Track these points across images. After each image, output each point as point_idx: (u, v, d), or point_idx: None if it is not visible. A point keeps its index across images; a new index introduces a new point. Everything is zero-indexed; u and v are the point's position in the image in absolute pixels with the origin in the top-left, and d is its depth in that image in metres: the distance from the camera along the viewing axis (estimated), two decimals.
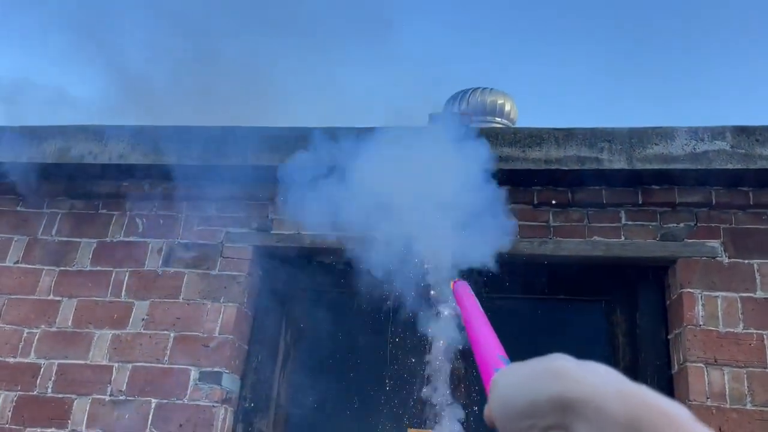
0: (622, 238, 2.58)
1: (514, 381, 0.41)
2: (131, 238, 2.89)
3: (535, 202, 2.65)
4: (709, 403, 2.25)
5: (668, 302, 2.57)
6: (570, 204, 2.64)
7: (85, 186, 2.95)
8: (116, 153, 2.84)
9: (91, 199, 2.98)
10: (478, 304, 0.78)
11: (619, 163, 2.47)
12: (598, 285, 2.69)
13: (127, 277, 2.80)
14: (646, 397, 0.35)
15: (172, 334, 2.65)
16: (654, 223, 2.58)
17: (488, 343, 0.61)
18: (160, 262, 2.81)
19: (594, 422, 0.34)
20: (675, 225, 2.56)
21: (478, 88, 5.33)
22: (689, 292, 2.43)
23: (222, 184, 2.86)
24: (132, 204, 2.95)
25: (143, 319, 2.70)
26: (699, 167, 2.43)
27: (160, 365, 2.60)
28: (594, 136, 2.52)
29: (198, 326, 2.65)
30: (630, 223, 2.60)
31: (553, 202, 2.64)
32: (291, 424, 2.78)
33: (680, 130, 2.50)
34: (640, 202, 2.58)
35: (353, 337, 3.02)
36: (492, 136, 2.59)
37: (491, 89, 5.49)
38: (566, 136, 2.54)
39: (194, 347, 2.61)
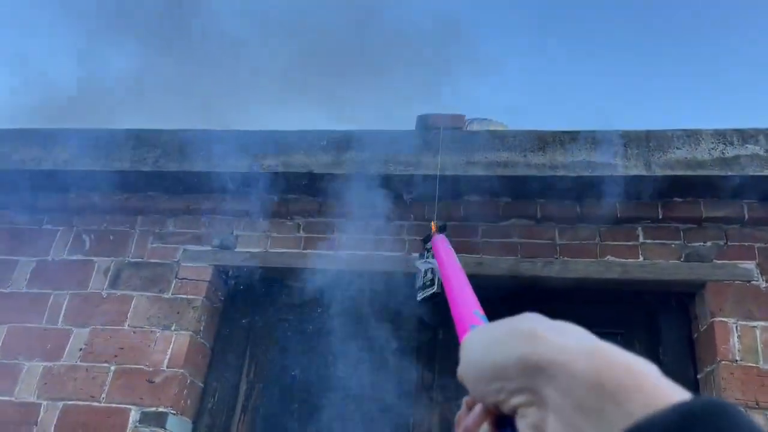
0: (641, 258, 2.21)
1: (483, 343, 0.40)
2: (75, 257, 2.52)
3: (538, 216, 2.30)
4: None
5: (696, 334, 2.18)
6: (579, 218, 2.28)
7: (27, 197, 2.60)
8: (62, 158, 2.50)
9: (34, 213, 2.62)
10: (456, 259, 0.73)
11: (636, 169, 2.12)
12: (612, 314, 2.30)
13: (66, 301, 2.41)
14: (611, 354, 0.33)
15: (112, 367, 2.25)
16: (677, 242, 2.22)
17: (465, 298, 0.58)
18: (106, 283, 2.43)
19: (560, 382, 0.33)
20: (702, 244, 2.19)
21: (475, 119, 5.05)
22: (722, 321, 2.04)
23: (182, 195, 2.51)
24: (79, 218, 2.60)
25: (81, 349, 2.30)
26: (729, 173, 2.08)
27: (95, 404, 2.19)
28: (607, 139, 2.19)
29: (143, 358, 2.25)
30: (649, 241, 2.23)
31: (560, 216, 2.28)
32: None
33: (705, 132, 2.17)
34: (661, 216, 2.23)
35: (328, 374, 2.61)
36: (488, 138, 2.26)
37: (488, 120, 5.19)
38: (573, 138, 2.21)
39: (137, 383, 2.21)
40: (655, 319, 2.29)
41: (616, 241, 2.25)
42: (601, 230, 2.28)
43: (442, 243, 0.85)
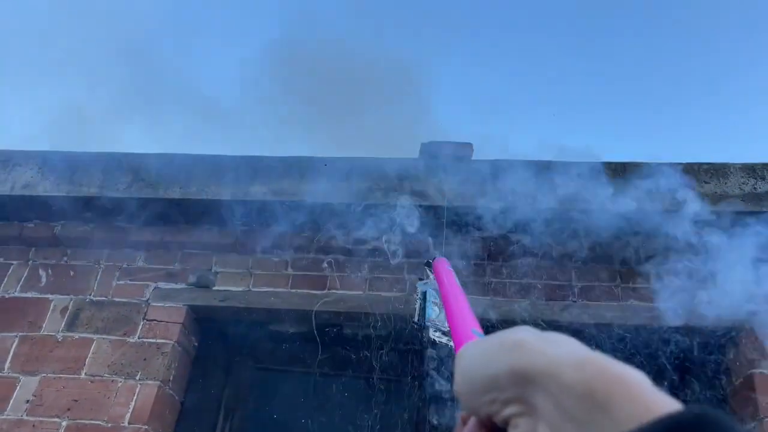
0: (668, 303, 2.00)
1: (475, 355, 0.40)
2: (29, 294, 2.21)
3: (554, 255, 2.09)
4: None
5: (731, 388, 1.96)
6: (596, 258, 2.08)
7: None
8: (21, 182, 2.23)
9: None
10: (456, 279, 0.73)
11: (662, 204, 1.94)
12: (635, 364, 2.07)
13: (15, 344, 2.09)
14: (601, 364, 0.33)
15: (64, 423, 1.92)
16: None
17: (464, 317, 0.58)
18: (63, 324, 2.13)
19: (551, 392, 0.33)
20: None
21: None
22: (762, 373, 1.83)
23: (156, 225, 2.24)
24: (37, 251, 2.30)
25: (28, 401, 1.97)
26: (763, 210, 1.91)
27: None
28: (628, 172, 2.01)
29: (101, 412, 1.93)
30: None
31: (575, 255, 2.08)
32: None
33: (733, 166, 2.01)
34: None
35: (316, 423, 2.31)
36: (503, 166, 2.07)
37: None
38: (592, 170, 2.03)
39: None
40: (682, 370, 2.06)
41: (637, 284, 2.04)
42: (621, 272, 2.07)
43: (443, 265, 0.84)
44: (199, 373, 2.16)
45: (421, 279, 1.61)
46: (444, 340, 1.54)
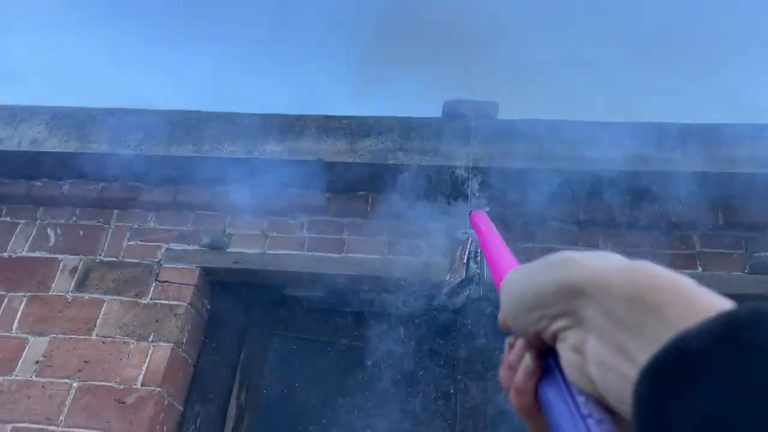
0: (699, 269, 1.93)
1: (522, 277, 0.41)
2: (37, 253, 2.15)
3: (581, 218, 2.01)
4: None
5: None
6: (628, 224, 2.00)
7: None
8: (28, 138, 2.15)
9: None
10: (494, 228, 0.70)
11: (696, 165, 1.85)
12: None
13: (23, 304, 2.04)
14: (646, 269, 0.33)
15: (74, 384, 1.87)
16: (739, 251, 1.94)
17: (503, 258, 0.55)
18: (73, 285, 2.07)
19: (599, 301, 0.33)
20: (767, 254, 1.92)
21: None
22: None
23: (168, 185, 2.17)
24: (45, 209, 2.23)
25: (37, 362, 1.92)
26: None
27: (51, 428, 1.80)
28: (660, 133, 1.92)
29: (113, 374, 1.88)
30: (707, 250, 1.96)
31: (602, 220, 2.00)
32: None
33: None
34: (721, 222, 1.95)
35: (333, 399, 2.26)
36: (522, 127, 1.98)
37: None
38: (625, 130, 1.94)
39: (104, 403, 1.83)
40: None
41: (672, 249, 1.97)
42: (651, 237, 1.99)
43: (480, 216, 0.82)
44: (213, 337, 2.11)
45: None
46: (461, 297, 1.50)
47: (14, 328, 2.00)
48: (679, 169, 1.88)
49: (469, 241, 1.59)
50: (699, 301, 0.30)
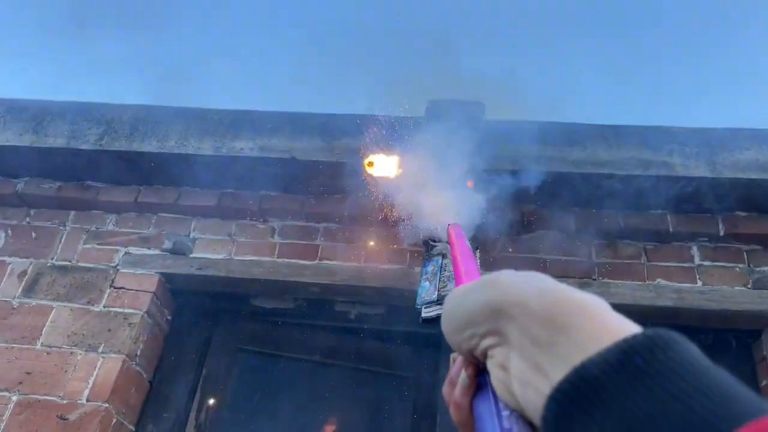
0: (699, 283, 1.79)
1: (457, 296, 0.42)
2: None
3: (574, 228, 1.87)
4: None
5: (764, 382, 1.75)
6: (621, 233, 1.86)
7: None
8: None
9: None
10: (467, 243, 0.72)
11: (698, 169, 1.72)
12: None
13: None
14: (563, 292, 0.34)
15: (14, 398, 1.69)
16: (741, 265, 1.81)
17: (469, 275, 0.58)
18: (20, 290, 1.89)
19: (518, 321, 0.35)
20: None
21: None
22: None
23: (129, 184, 2.02)
24: None
25: None
26: None
27: None
28: (660, 135, 1.80)
29: (56, 387, 1.70)
30: (707, 263, 1.82)
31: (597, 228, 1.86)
32: None
33: None
34: (722, 233, 1.82)
35: (303, 421, 2.08)
36: (513, 129, 1.85)
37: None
38: (621, 133, 1.82)
39: (44, 420, 1.65)
40: (711, 358, 1.84)
41: (667, 262, 1.83)
42: (647, 248, 1.86)
43: (456, 230, 0.84)
44: (172, 350, 1.93)
45: (427, 250, 1.45)
46: (433, 313, 1.35)
47: None
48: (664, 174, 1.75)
49: (442, 259, 1.44)
50: (606, 324, 0.31)
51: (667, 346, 0.28)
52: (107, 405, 1.67)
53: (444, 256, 1.41)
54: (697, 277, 1.80)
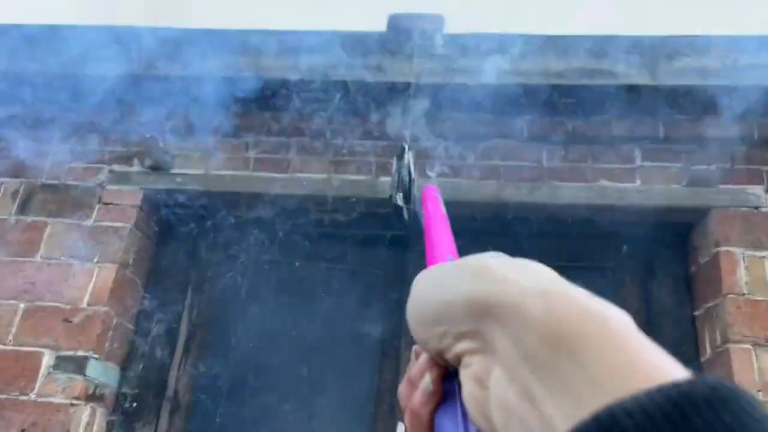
0: (638, 182, 1.96)
1: (432, 278, 0.34)
2: None
3: (526, 134, 2.01)
4: (760, 396, 1.64)
5: (694, 268, 1.96)
6: (571, 138, 2.01)
7: None
8: None
9: None
10: (443, 207, 0.62)
11: (639, 77, 1.85)
12: (603, 246, 2.06)
13: None
14: (572, 296, 0.26)
15: (21, 305, 1.89)
16: (678, 164, 1.97)
17: (441, 244, 0.51)
18: (15, 208, 2.05)
19: (510, 327, 0.27)
20: (706, 167, 1.95)
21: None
22: (728, 251, 1.82)
23: (106, 104, 2.12)
24: None
25: None
26: (738, 84, 1.83)
27: (0, 347, 1.83)
28: (606, 44, 1.90)
29: (59, 294, 1.89)
30: (648, 163, 1.98)
31: (549, 133, 2.00)
32: (194, 430, 2.05)
33: (717, 38, 1.90)
34: (662, 136, 1.97)
35: (284, 315, 2.31)
36: (469, 40, 1.94)
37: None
38: (571, 42, 1.91)
39: (51, 323, 1.85)
40: (649, 252, 2.05)
41: (611, 164, 1.99)
42: (593, 151, 2.01)
43: (431, 192, 0.72)
44: (161, 257, 2.12)
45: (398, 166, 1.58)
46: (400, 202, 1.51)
47: None
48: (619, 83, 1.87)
49: (406, 160, 1.58)
50: (636, 354, 0.23)
51: (737, 403, 0.21)
52: (106, 308, 1.87)
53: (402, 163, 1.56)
54: (637, 177, 1.96)
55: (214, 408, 2.01)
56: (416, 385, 0.34)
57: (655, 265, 2.04)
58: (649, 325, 1.97)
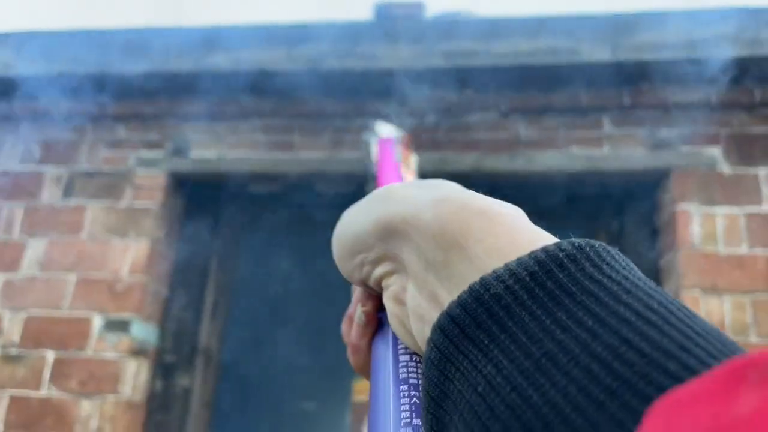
0: (606, 148, 2.16)
1: (348, 215, 0.34)
2: (25, 167, 2.42)
3: (503, 108, 2.22)
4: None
5: (659, 224, 2.18)
6: (544, 110, 2.21)
7: None
8: (1, 61, 2.35)
9: None
10: (395, 156, 0.64)
11: (602, 54, 2.03)
12: (577, 207, 2.29)
13: (21, 213, 2.34)
14: (462, 199, 0.27)
15: (72, 278, 2.22)
16: (643, 130, 2.17)
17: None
18: (60, 193, 2.36)
19: (413, 241, 0.27)
20: (668, 131, 2.14)
21: None
22: (684, 208, 2.03)
23: (130, 98, 2.39)
24: (27, 126, 2.48)
25: (38, 261, 2.26)
26: (695, 56, 2.00)
27: (58, 312, 2.17)
28: (571, 24, 2.08)
29: (103, 266, 2.22)
30: (615, 131, 2.18)
31: (525, 107, 2.21)
32: (223, 378, 2.38)
33: (674, 14, 2.06)
34: (627, 104, 2.16)
35: (298, 279, 2.61)
36: (447, 26, 2.14)
37: None
38: (539, 24, 2.10)
39: (98, 292, 2.18)
40: (620, 209, 2.27)
41: (582, 132, 2.19)
42: (566, 121, 2.21)
43: (387, 143, 0.73)
44: (188, 231, 2.42)
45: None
46: None
47: (16, 232, 2.32)
48: (590, 60, 2.06)
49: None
50: (516, 236, 0.25)
51: (601, 258, 0.22)
52: (143, 277, 2.19)
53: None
54: (605, 143, 2.17)
55: (240, 359, 2.35)
56: (353, 320, 0.35)
57: (626, 222, 2.26)
58: None
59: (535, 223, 0.29)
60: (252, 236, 2.47)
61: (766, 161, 2.06)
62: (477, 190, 0.30)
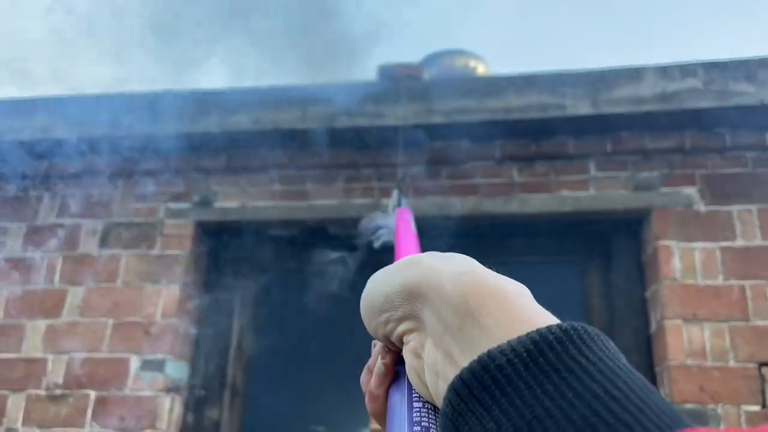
0: (592, 190, 2.38)
1: (376, 277, 0.40)
2: (63, 220, 2.65)
3: (498, 156, 2.45)
4: (689, 362, 2.08)
5: (643, 258, 2.39)
6: (535, 157, 2.44)
7: (8, 167, 2.70)
8: (39, 125, 2.59)
9: (18, 179, 2.73)
10: (413, 225, 0.73)
11: (585, 108, 2.26)
12: (568, 244, 2.50)
13: (60, 262, 2.57)
14: (480, 275, 0.33)
15: (110, 322, 2.43)
16: (625, 173, 2.39)
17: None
18: (96, 243, 2.58)
19: (434, 305, 0.33)
20: (648, 173, 2.36)
21: (447, 50, 5.07)
22: (665, 244, 2.24)
23: (158, 155, 2.63)
24: (63, 183, 2.71)
25: (78, 306, 2.47)
26: (670, 108, 2.23)
27: (98, 354, 2.38)
28: (556, 81, 2.31)
29: (138, 311, 2.43)
30: (600, 174, 2.40)
31: (517, 155, 2.43)
32: (248, 410, 2.58)
33: (648, 69, 2.30)
34: (610, 150, 2.38)
35: (314, 316, 2.81)
36: (445, 86, 2.37)
37: (460, 51, 5.19)
38: (526, 82, 2.33)
39: (134, 334, 2.39)
40: (607, 246, 2.48)
41: (570, 176, 2.41)
42: (555, 167, 2.43)
43: (404, 214, 0.83)
44: (213, 275, 2.64)
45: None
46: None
47: (56, 280, 2.54)
48: (574, 114, 2.29)
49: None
50: (521, 313, 0.30)
51: (583, 342, 0.27)
52: (175, 320, 2.40)
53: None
54: (591, 186, 2.39)
55: (264, 393, 2.55)
56: (372, 371, 0.40)
57: (613, 256, 2.47)
58: (610, 305, 2.41)
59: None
60: (272, 277, 2.68)
61: (739, 199, 2.28)
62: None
